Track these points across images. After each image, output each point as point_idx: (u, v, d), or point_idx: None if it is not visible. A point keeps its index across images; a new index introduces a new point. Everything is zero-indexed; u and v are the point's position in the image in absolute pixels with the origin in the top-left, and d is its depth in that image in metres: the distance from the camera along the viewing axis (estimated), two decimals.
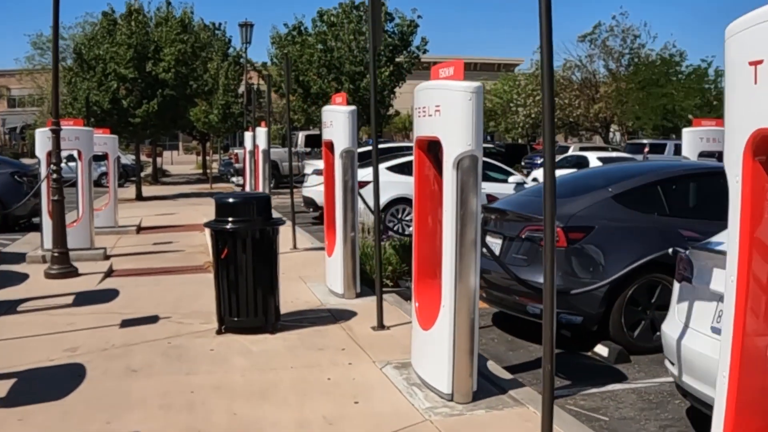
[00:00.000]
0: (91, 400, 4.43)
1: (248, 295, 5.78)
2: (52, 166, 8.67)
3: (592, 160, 20.30)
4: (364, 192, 7.63)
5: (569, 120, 39.48)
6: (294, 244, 10.54)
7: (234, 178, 27.16)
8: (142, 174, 25.10)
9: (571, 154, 25.14)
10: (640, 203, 6.17)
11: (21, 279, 8.41)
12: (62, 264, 8.51)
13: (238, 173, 25.94)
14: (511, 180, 13.56)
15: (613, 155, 22.48)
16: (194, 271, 8.97)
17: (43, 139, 9.65)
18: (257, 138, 15.30)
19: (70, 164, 13.77)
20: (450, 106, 4.14)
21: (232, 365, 5.12)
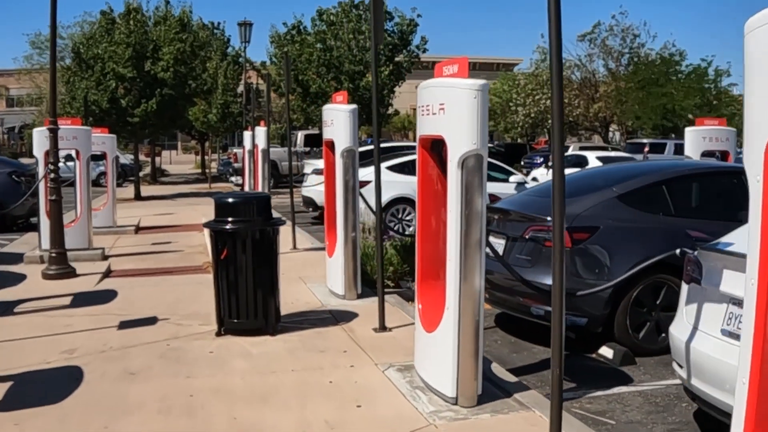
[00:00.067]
0: (88, 404, 4.35)
1: (248, 296, 5.70)
2: (49, 165, 8.59)
3: (592, 159, 20.23)
4: (364, 192, 7.55)
5: (569, 119, 39.35)
6: (294, 244, 10.47)
7: (233, 178, 27.10)
8: (141, 174, 25.02)
9: (571, 153, 25.06)
10: (645, 203, 6.10)
11: (18, 279, 8.34)
12: (60, 264, 8.43)
13: (237, 173, 25.87)
14: (512, 180, 13.51)
15: (612, 155, 22.41)
16: (193, 272, 8.89)
17: (40, 139, 9.58)
18: (256, 137, 15.24)
19: (68, 164, 13.70)
20: (455, 104, 4.06)
21: (231, 368, 5.04)
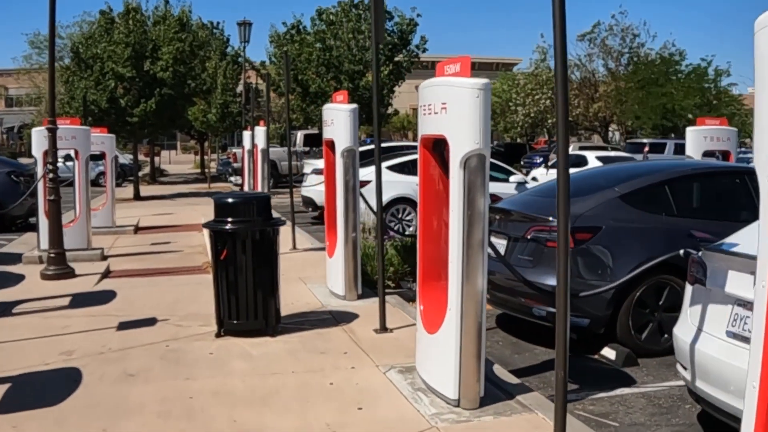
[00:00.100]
0: (87, 407, 4.30)
1: (248, 297, 5.65)
2: (48, 165, 8.54)
3: (591, 159, 20.18)
4: (364, 191, 7.50)
5: (568, 119, 39.29)
6: (293, 244, 10.43)
7: (232, 178, 27.06)
8: (140, 173, 24.99)
9: (570, 153, 24.98)
10: (648, 203, 6.06)
11: (17, 280, 8.29)
12: (59, 265, 8.38)
13: (236, 173, 25.83)
14: (513, 179, 13.47)
15: (612, 155, 22.36)
16: (192, 272, 8.84)
17: (39, 139, 9.52)
18: (256, 137, 15.21)
19: (67, 164, 13.66)
20: (457, 104, 4.01)
21: (232, 370, 4.99)
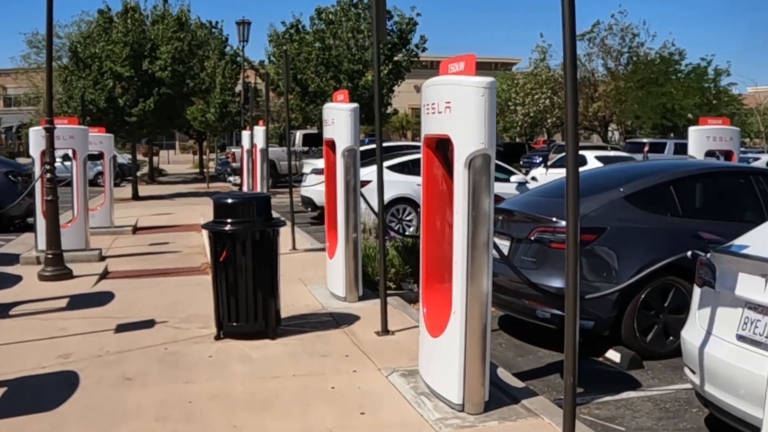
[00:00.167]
0: (84, 411, 4.23)
1: (248, 299, 5.57)
2: (45, 165, 8.46)
3: (590, 159, 20.08)
4: (364, 191, 7.40)
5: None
6: (293, 244, 10.35)
7: (231, 178, 27.00)
8: (139, 173, 24.90)
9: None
10: (653, 204, 5.98)
11: (14, 281, 8.20)
12: (56, 266, 8.30)
13: (235, 172, 25.77)
14: (513, 179, 13.40)
15: (611, 154, 22.27)
16: (191, 273, 8.76)
17: (37, 138, 9.45)
18: (255, 137, 15.14)
19: (65, 163, 13.60)
20: (461, 103, 3.93)
21: (231, 373, 4.91)
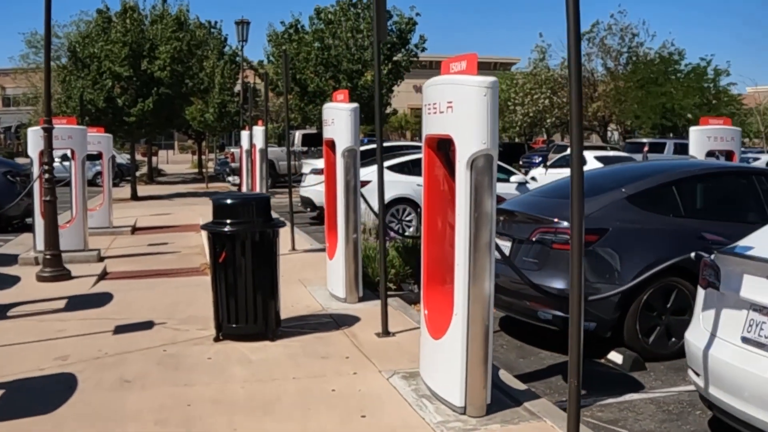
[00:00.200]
0: (82, 415, 4.18)
1: (247, 300, 5.53)
2: (44, 165, 8.41)
3: (590, 159, 20.03)
4: (363, 191, 7.35)
5: (567, 119, 39.19)
6: (293, 245, 10.30)
7: (230, 178, 26.96)
8: (138, 173, 24.84)
9: (569, 153, 24.88)
10: (656, 204, 5.94)
11: (12, 282, 8.16)
12: (54, 266, 8.25)
13: (234, 172, 25.72)
14: (513, 179, 13.37)
15: (611, 154, 22.22)
16: (190, 274, 8.72)
17: (35, 138, 9.40)
18: (254, 137, 15.10)
19: (64, 163, 13.54)
20: (463, 102, 3.89)
21: (231, 375, 4.87)
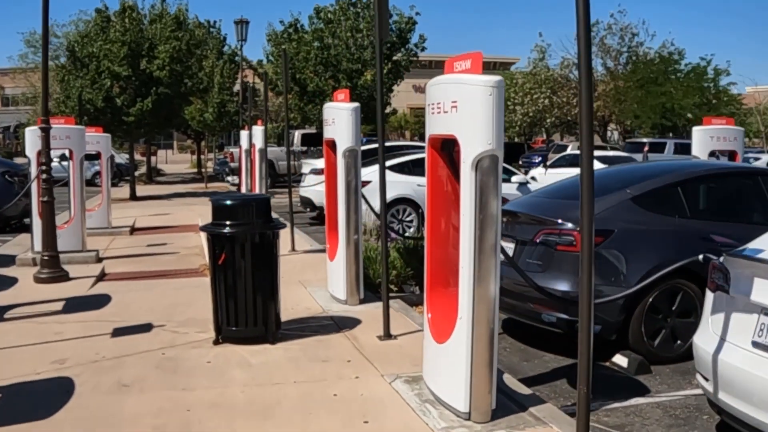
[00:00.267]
0: (80, 419, 4.10)
1: (247, 303, 5.45)
2: (41, 165, 8.33)
3: None
4: (364, 192, 7.27)
5: (567, 118, 39.16)
6: (292, 245, 10.23)
7: (229, 178, 26.89)
8: (136, 173, 24.76)
9: (570, 153, 24.87)
10: (661, 205, 5.86)
11: (9, 283, 8.08)
12: (52, 268, 8.17)
13: (233, 172, 25.65)
14: (514, 180, 13.29)
15: (611, 154, 22.15)
16: (189, 275, 8.63)
17: (33, 138, 9.32)
18: (253, 137, 15.02)
19: (62, 163, 13.46)
20: (468, 102, 3.81)
21: (230, 379, 4.79)
